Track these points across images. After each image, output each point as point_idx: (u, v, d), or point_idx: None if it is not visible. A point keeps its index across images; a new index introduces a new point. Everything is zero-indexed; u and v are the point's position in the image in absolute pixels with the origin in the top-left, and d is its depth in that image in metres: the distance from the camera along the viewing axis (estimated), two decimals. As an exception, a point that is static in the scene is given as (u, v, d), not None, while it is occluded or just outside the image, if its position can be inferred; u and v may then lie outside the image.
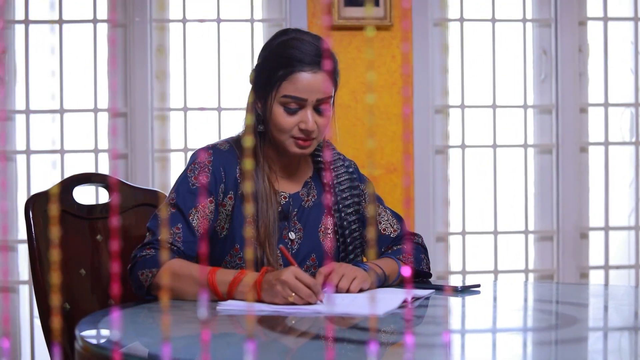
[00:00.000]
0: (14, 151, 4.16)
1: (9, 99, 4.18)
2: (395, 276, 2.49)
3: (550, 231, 4.41)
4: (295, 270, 2.08)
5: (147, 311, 2.15)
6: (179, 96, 4.24)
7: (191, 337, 1.77)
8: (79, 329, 1.81)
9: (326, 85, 2.37)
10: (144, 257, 2.27)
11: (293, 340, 1.75)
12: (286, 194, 2.48)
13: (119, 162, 4.20)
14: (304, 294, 2.06)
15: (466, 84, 4.38)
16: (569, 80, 4.37)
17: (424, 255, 2.61)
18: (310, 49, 2.36)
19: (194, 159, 2.44)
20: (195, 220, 2.35)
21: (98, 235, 2.67)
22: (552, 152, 4.40)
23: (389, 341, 1.77)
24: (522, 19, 4.40)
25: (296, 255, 2.46)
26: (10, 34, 4.18)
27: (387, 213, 2.64)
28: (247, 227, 2.40)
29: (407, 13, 4.26)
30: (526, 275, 4.42)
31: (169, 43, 4.26)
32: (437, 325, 2.01)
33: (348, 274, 2.28)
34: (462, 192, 4.39)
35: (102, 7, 4.19)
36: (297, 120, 2.37)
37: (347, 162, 2.63)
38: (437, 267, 4.34)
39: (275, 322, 1.93)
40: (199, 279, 2.19)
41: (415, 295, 2.28)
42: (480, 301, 2.38)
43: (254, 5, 4.25)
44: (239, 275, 2.15)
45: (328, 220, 2.54)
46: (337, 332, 1.80)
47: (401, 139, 4.26)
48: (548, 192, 4.43)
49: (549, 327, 1.95)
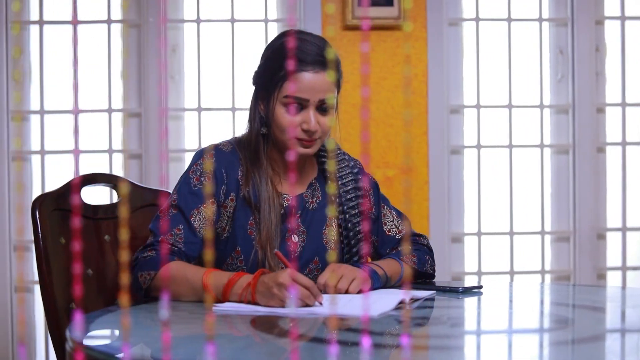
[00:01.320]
0: (29, 151, 4.18)
1: (25, 99, 4.19)
2: (398, 277, 2.47)
3: (566, 232, 4.38)
4: (292, 272, 2.06)
5: (142, 312, 2.14)
6: (193, 96, 4.24)
7: (182, 338, 1.76)
8: (69, 330, 1.81)
9: (328, 85, 2.35)
10: (145, 259, 2.27)
11: (289, 343, 1.74)
12: (289, 196, 2.47)
13: (132, 162, 4.21)
14: (301, 296, 2.04)
15: (482, 84, 4.35)
16: (586, 79, 4.33)
17: (428, 257, 2.59)
18: (312, 49, 2.34)
19: (196, 159, 2.43)
20: (197, 221, 2.34)
21: (106, 236, 2.67)
22: (568, 152, 4.37)
23: (392, 343, 1.76)
24: (539, 18, 4.37)
25: (299, 257, 2.45)
26: (25, 35, 4.19)
27: (393, 214, 2.62)
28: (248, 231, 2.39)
29: (421, 13, 4.24)
30: (542, 276, 4.39)
31: (183, 43, 4.26)
32: (440, 326, 1.99)
33: (347, 275, 2.26)
34: (477, 193, 4.36)
35: (116, 7, 4.19)
36: (300, 120, 2.35)
37: (352, 163, 2.61)
38: (453, 268, 4.32)
39: (271, 324, 1.92)
40: (194, 282, 2.18)
41: (414, 296, 2.26)
42: (492, 302, 2.36)
43: (268, 5, 4.25)
44: (234, 278, 2.14)
45: (332, 222, 2.52)
46: (332, 335, 1.79)
47: (415, 139, 4.25)
48: (565, 192, 4.40)
49: (554, 328, 1.93)
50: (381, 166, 4.23)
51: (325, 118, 2.37)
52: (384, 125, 4.24)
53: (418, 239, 2.63)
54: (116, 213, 2.72)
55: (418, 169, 4.25)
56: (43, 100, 4.16)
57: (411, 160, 4.25)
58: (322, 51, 2.35)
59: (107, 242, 2.66)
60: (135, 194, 2.76)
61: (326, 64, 2.34)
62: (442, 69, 4.26)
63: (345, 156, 2.61)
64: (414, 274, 2.56)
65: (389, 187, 4.22)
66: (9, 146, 4.13)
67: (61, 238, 2.54)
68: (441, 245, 4.25)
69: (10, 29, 4.14)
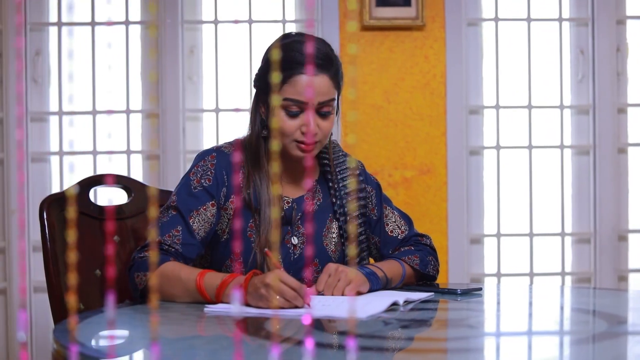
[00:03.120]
0: (47, 152, 4.19)
1: (43, 100, 4.21)
2: (399, 279, 2.46)
3: (587, 233, 4.34)
4: (280, 273, 2.05)
5: (132, 313, 2.14)
6: (211, 97, 4.24)
7: (171, 340, 1.76)
8: (55, 332, 1.81)
9: (328, 88, 2.34)
10: (142, 259, 2.27)
11: (278, 346, 1.72)
12: (289, 199, 2.46)
13: (150, 163, 4.21)
14: (289, 297, 2.02)
15: (501, 84, 4.32)
16: (607, 80, 4.29)
17: (431, 257, 2.56)
18: (311, 52, 2.33)
19: (197, 161, 2.43)
20: (195, 223, 2.33)
21: (115, 236, 2.67)
22: (589, 153, 4.33)
23: (374, 346, 1.74)
24: (559, 18, 4.33)
25: (298, 260, 2.44)
26: (44, 36, 4.21)
27: (395, 214, 2.60)
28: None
29: (440, 13, 4.22)
30: (562, 278, 4.35)
31: (201, 44, 4.26)
32: (426, 329, 1.98)
33: (344, 278, 2.25)
34: (497, 194, 4.33)
35: (134, 8, 4.21)
36: (299, 123, 2.34)
37: (354, 164, 2.60)
38: (472, 270, 4.30)
39: (259, 327, 1.91)
40: (187, 283, 2.17)
41: (408, 298, 2.22)
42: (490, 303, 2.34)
43: (285, 6, 4.24)
44: (227, 279, 2.13)
45: (333, 224, 2.51)
46: (320, 337, 1.78)
47: (434, 140, 4.22)
48: (585, 193, 4.36)
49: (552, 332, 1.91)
50: (399, 167, 4.21)
51: (325, 121, 2.36)
52: (402, 126, 4.22)
53: (421, 239, 2.60)
54: (124, 214, 2.72)
55: (436, 169, 4.23)
56: (61, 101, 4.17)
57: (430, 161, 4.22)
58: (321, 54, 2.33)
59: (116, 243, 2.67)
60: (144, 195, 2.76)
61: (325, 67, 2.33)
62: (460, 70, 4.23)
63: (347, 157, 2.59)
64: (417, 275, 2.53)
65: (408, 188, 4.20)
66: (27, 147, 4.15)
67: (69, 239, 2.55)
68: (460, 247, 4.22)
69: (29, 31, 4.16)
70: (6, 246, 4.15)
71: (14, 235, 4.14)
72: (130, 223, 2.72)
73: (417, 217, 4.17)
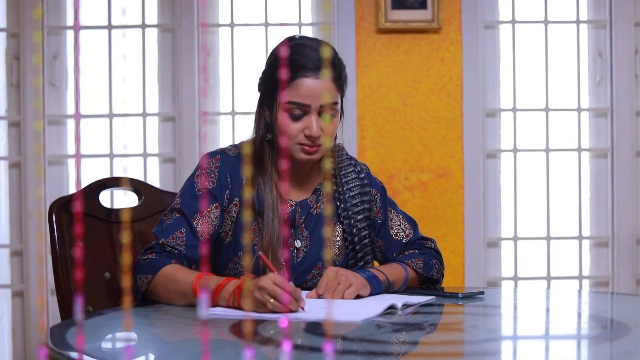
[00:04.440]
0: (65, 155, 4.22)
1: (61, 103, 4.23)
2: (402, 282, 2.45)
3: (605, 237, 4.31)
4: (274, 276, 2.04)
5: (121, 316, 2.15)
6: (228, 100, 4.25)
7: (161, 343, 1.77)
8: (47, 335, 1.82)
9: (330, 91, 2.34)
10: (145, 261, 2.28)
11: (271, 350, 1.72)
12: (293, 202, 2.46)
13: (166, 165, 4.23)
14: (283, 300, 2.02)
15: (518, 87, 4.30)
16: (625, 82, 4.26)
17: (435, 261, 2.54)
18: (313, 55, 2.34)
19: (201, 163, 2.44)
20: (199, 225, 2.34)
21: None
22: (607, 156, 4.30)
23: (379, 351, 1.74)
24: (576, 20, 4.31)
25: (301, 263, 2.44)
26: (61, 40, 4.23)
27: (400, 218, 2.59)
28: (246, 234, 2.39)
29: (456, 15, 4.20)
30: (580, 282, 4.32)
31: (218, 47, 4.27)
32: (418, 332, 1.97)
33: (344, 281, 2.24)
34: (514, 197, 4.31)
35: (150, 12, 4.22)
36: (302, 126, 2.34)
37: (359, 167, 2.59)
38: (489, 273, 4.28)
39: (251, 330, 1.91)
40: (184, 286, 2.18)
41: (407, 302, 2.21)
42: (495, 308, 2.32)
43: (301, 9, 4.24)
44: (222, 283, 2.13)
45: (337, 227, 2.51)
46: (315, 342, 1.78)
47: (450, 143, 4.21)
48: (603, 197, 4.33)
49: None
50: (415, 170, 4.20)
51: (328, 124, 2.36)
52: (418, 129, 4.21)
53: (425, 242, 2.59)
54: (134, 217, 2.73)
55: (453, 173, 4.22)
56: (79, 104, 4.19)
57: (446, 164, 4.21)
58: (323, 56, 2.34)
59: (125, 246, 2.67)
60: (154, 198, 2.77)
61: (328, 69, 2.33)
62: (477, 72, 4.22)
63: (352, 161, 2.59)
64: (420, 279, 2.52)
65: (424, 191, 4.19)
66: (44, 150, 4.18)
67: (78, 242, 2.56)
68: (476, 250, 4.21)
69: (47, 35, 4.19)
70: (23, 249, 4.18)
71: (32, 238, 4.17)
72: (138, 226, 2.73)
73: (433, 221, 4.17)
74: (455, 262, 4.19)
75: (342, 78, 2.40)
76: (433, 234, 4.16)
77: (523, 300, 2.59)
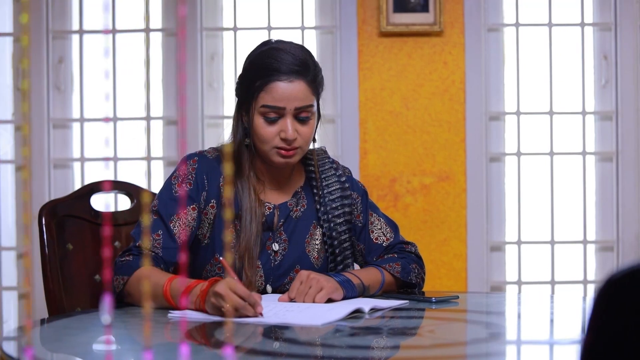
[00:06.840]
0: (70, 158, 4.25)
1: (66, 107, 4.27)
2: (378, 287, 2.44)
3: (610, 241, 4.28)
4: (230, 281, 2.05)
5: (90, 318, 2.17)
6: (231, 104, 4.26)
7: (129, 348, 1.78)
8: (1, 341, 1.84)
9: (305, 94, 2.35)
10: (122, 263, 2.30)
11: (216, 353, 1.73)
12: (271, 205, 2.47)
13: (170, 169, 4.25)
14: (237, 306, 2.02)
15: (522, 90, 4.29)
16: (630, 85, 4.23)
17: (414, 265, 2.53)
18: (287, 58, 2.35)
19: (179, 165, 2.46)
20: (176, 227, 2.36)
21: (116, 242, 2.70)
22: (612, 159, 4.27)
23: (322, 355, 1.74)
24: (581, 23, 4.28)
25: (279, 266, 2.45)
26: (67, 44, 4.27)
27: (381, 221, 2.59)
28: (227, 232, 2.40)
29: (459, 19, 4.19)
30: (585, 286, 4.30)
31: (222, 51, 4.29)
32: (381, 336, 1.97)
33: (315, 285, 2.24)
34: (518, 201, 4.29)
35: (154, 16, 4.25)
36: (278, 129, 2.35)
37: (340, 171, 2.59)
38: (492, 278, 4.26)
39: (209, 334, 1.92)
40: (156, 288, 2.19)
41: (376, 306, 2.21)
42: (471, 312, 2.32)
43: (304, 13, 4.25)
44: (191, 285, 2.14)
45: (317, 231, 2.51)
46: (269, 346, 1.78)
47: (453, 147, 4.20)
48: (609, 200, 4.30)
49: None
50: (418, 174, 4.19)
51: (304, 127, 2.37)
52: (421, 132, 4.20)
53: (406, 246, 2.58)
54: (124, 220, 2.75)
55: (455, 176, 4.21)
56: (83, 107, 4.23)
57: (449, 167, 4.20)
58: (297, 60, 2.35)
59: (117, 249, 2.70)
60: (148, 201, 2.78)
61: (302, 73, 2.34)
62: (480, 75, 4.21)
63: (333, 165, 2.59)
64: (398, 283, 2.51)
65: (426, 195, 4.18)
66: (49, 154, 4.21)
67: (68, 244, 2.59)
68: (479, 254, 4.19)
69: (51, 39, 4.22)
70: (29, 252, 4.22)
71: (37, 241, 4.20)
72: (129, 229, 2.74)
73: (435, 224, 4.16)
74: (458, 266, 4.18)
75: (317, 81, 2.41)
76: (436, 238, 4.17)
77: (493, 305, 2.58)
